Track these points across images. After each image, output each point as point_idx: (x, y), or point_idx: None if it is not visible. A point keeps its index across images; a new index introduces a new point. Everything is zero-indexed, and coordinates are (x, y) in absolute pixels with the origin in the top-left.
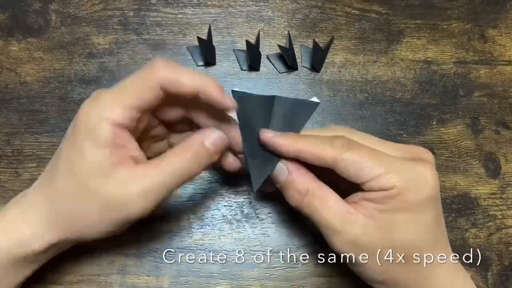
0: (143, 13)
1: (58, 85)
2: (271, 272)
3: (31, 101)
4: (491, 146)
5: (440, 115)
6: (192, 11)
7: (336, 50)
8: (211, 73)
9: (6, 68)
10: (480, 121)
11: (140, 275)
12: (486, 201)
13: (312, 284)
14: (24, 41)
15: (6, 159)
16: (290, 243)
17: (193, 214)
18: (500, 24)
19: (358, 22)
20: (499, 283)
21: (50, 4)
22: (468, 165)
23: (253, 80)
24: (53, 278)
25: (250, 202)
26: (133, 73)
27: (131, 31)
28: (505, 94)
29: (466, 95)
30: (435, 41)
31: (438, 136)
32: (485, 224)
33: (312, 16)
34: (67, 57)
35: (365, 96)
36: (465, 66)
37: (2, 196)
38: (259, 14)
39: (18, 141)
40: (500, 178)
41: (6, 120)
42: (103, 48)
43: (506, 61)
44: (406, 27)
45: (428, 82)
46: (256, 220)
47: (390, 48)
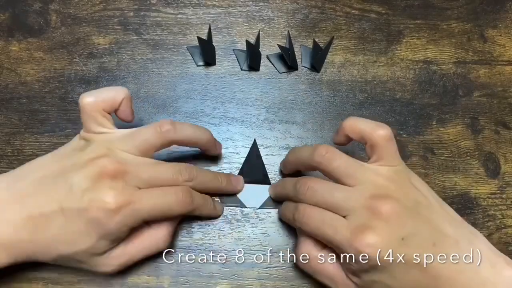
0: (143, 13)
1: (58, 85)
2: (271, 272)
3: (31, 101)
4: (491, 146)
5: (439, 115)
6: (192, 11)
7: (336, 50)
8: (211, 73)
9: (6, 68)
10: (480, 121)
11: (140, 275)
12: (485, 201)
13: (312, 284)
14: (24, 41)
15: (6, 159)
16: (290, 243)
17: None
18: (500, 24)
19: (358, 22)
20: None
21: (50, 4)
22: (468, 165)
23: (253, 80)
24: (53, 278)
25: None
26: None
27: (131, 31)
28: (504, 94)
29: (465, 95)
30: (434, 41)
31: (437, 136)
32: (484, 224)
33: (312, 16)
34: (67, 57)
35: (365, 96)
36: (465, 66)
37: None
38: (259, 14)
39: (18, 141)
40: (500, 178)
41: (6, 120)
42: (103, 48)
43: (505, 61)
44: (405, 27)
45: (428, 82)
46: (256, 220)
47: (390, 48)
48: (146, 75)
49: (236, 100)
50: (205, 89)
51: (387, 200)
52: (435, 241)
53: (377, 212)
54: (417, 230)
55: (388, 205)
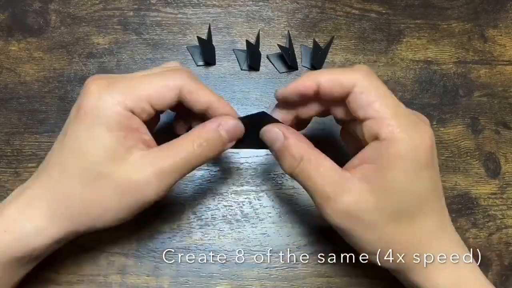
0: (143, 13)
1: (57, 85)
2: (271, 272)
3: (30, 101)
4: (491, 146)
5: (440, 115)
6: (192, 11)
7: (336, 50)
8: (211, 73)
9: (5, 68)
10: (480, 121)
11: (140, 275)
12: (486, 201)
13: (312, 284)
14: (24, 41)
15: (5, 159)
16: (290, 243)
17: (193, 214)
18: (500, 24)
19: (358, 22)
20: (499, 283)
21: (50, 4)
22: (468, 165)
23: (253, 80)
24: (53, 278)
25: (250, 202)
26: (155, 68)
27: (131, 31)
28: (505, 94)
29: (466, 95)
30: (435, 41)
31: (438, 136)
32: (485, 224)
33: (312, 16)
34: (66, 57)
35: None
36: (465, 66)
37: (2, 196)
38: (259, 14)
39: (18, 141)
40: (500, 178)
41: (6, 120)
42: (103, 48)
43: (506, 61)
44: (406, 27)
45: (428, 82)
46: (256, 220)
47: (390, 48)
48: None
49: (236, 100)
50: None
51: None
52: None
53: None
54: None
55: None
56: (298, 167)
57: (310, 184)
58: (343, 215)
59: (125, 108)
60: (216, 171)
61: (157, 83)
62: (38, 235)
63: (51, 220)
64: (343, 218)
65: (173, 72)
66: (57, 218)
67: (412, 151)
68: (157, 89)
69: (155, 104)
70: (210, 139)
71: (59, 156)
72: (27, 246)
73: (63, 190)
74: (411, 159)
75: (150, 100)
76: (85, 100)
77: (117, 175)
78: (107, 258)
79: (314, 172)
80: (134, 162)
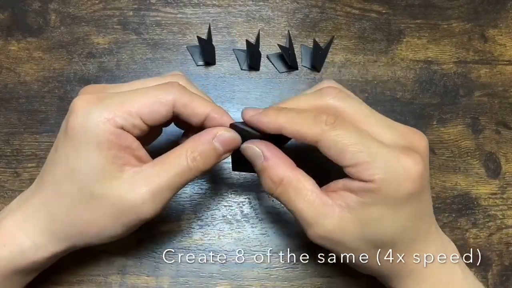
0: (142, 12)
1: (57, 85)
2: (271, 272)
3: (30, 101)
4: (492, 146)
5: (440, 115)
6: (192, 10)
7: (336, 50)
8: (211, 73)
9: (5, 67)
10: (481, 121)
11: (140, 275)
12: (486, 201)
13: (312, 284)
14: (23, 40)
15: (5, 159)
16: (290, 243)
17: (193, 214)
18: (501, 24)
19: (358, 21)
20: (499, 283)
21: (50, 3)
22: (469, 165)
23: (253, 80)
24: (53, 278)
25: (250, 202)
26: (146, 79)
27: (131, 30)
28: (505, 94)
29: (466, 95)
30: (435, 41)
31: (438, 136)
32: (485, 224)
33: (312, 15)
34: (66, 56)
35: (365, 96)
36: (466, 66)
37: (2, 196)
38: (259, 13)
39: (18, 141)
40: (501, 178)
41: (6, 120)
42: (102, 47)
43: (506, 61)
44: (406, 26)
45: (428, 82)
46: (256, 220)
47: (390, 48)
48: (145, 74)
49: (236, 100)
50: (205, 89)
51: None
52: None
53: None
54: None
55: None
56: (278, 189)
57: (290, 207)
58: (325, 239)
59: (114, 125)
60: (216, 171)
61: (148, 98)
62: (37, 249)
63: (49, 237)
64: (325, 241)
65: (166, 86)
66: (55, 236)
67: (396, 189)
68: (148, 104)
69: (147, 119)
70: (204, 152)
71: (52, 174)
72: (26, 259)
73: (58, 210)
74: (395, 196)
75: (142, 115)
76: (72, 118)
77: (110, 195)
78: (107, 258)
79: (294, 196)
80: (128, 180)
